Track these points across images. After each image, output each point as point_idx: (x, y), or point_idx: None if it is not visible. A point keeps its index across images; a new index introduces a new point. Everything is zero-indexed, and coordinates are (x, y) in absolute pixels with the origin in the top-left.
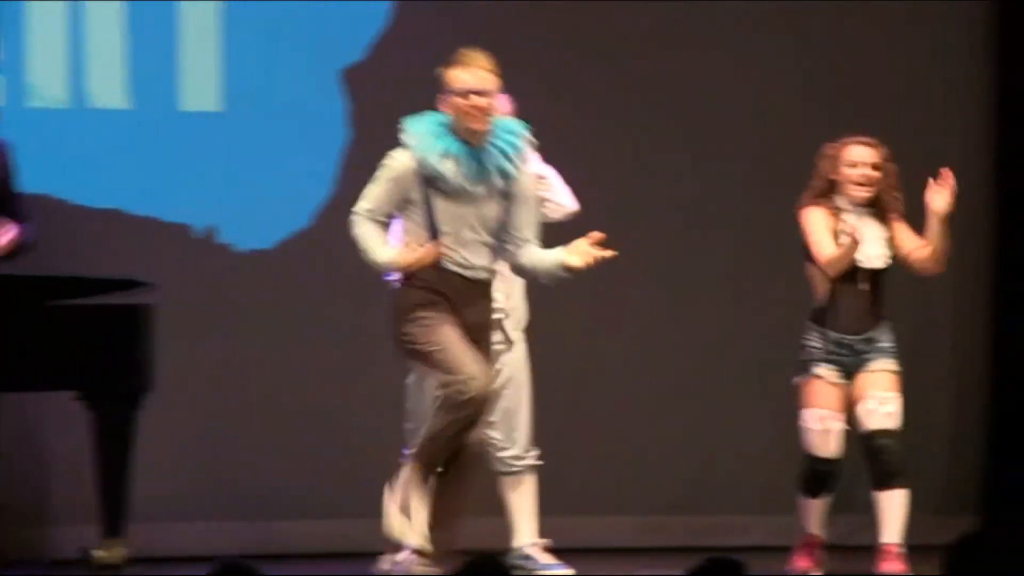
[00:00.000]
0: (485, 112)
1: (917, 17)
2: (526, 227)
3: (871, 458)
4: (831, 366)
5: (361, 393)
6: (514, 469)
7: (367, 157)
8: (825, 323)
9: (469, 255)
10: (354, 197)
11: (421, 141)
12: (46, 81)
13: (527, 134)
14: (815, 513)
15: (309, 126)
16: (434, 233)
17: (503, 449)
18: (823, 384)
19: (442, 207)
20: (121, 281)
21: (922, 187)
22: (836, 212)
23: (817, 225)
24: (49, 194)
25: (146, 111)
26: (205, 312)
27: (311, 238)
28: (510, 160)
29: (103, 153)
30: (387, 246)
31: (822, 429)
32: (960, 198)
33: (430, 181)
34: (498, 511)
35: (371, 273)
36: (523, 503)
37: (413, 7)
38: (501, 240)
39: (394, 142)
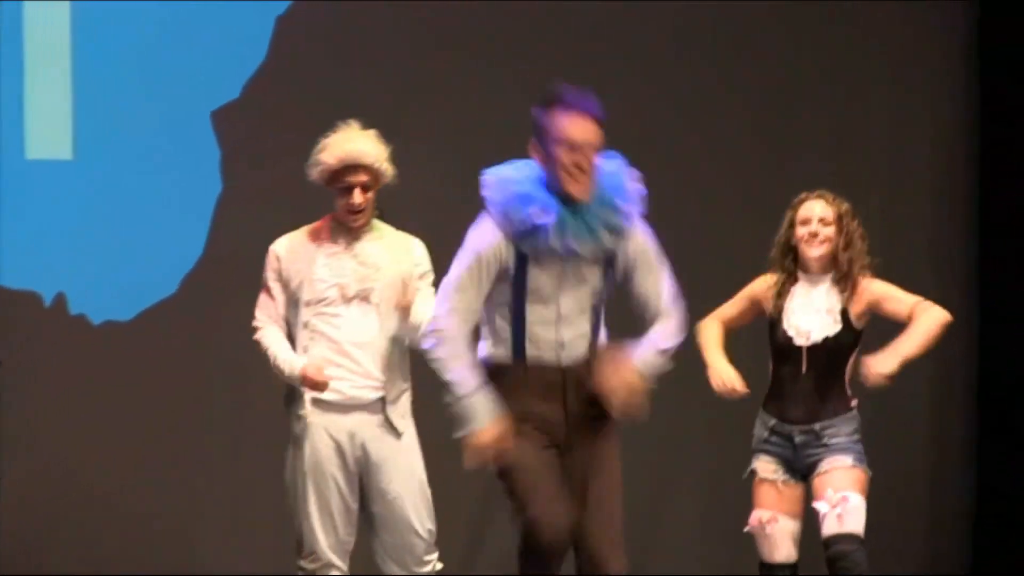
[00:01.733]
0: (588, 172)
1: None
2: (654, 294)
3: (828, 565)
4: (769, 458)
5: (229, 476)
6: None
7: (241, 212)
8: (766, 407)
9: (567, 332)
10: (226, 258)
11: (508, 201)
12: None
13: (636, 183)
14: None
15: (180, 176)
16: (523, 308)
17: (405, 563)
18: (759, 482)
19: (538, 276)
20: None
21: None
22: (795, 280)
23: (742, 291)
24: None
25: None
26: (55, 392)
27: (178, 307)
28: (619, 213)
29: None
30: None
31: (760, 530)
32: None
33: (522, 248)
34: None
35: (244, 352)
36: None
37: (287, 43)
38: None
39: (268, 192)
